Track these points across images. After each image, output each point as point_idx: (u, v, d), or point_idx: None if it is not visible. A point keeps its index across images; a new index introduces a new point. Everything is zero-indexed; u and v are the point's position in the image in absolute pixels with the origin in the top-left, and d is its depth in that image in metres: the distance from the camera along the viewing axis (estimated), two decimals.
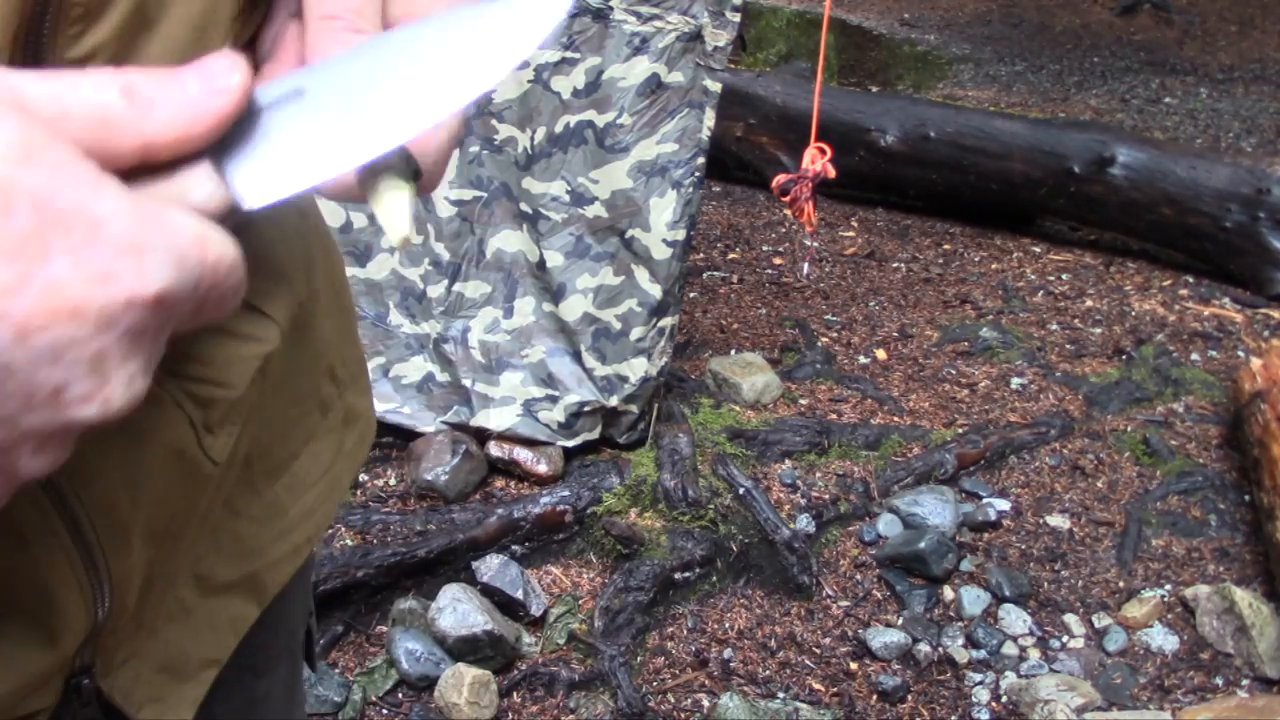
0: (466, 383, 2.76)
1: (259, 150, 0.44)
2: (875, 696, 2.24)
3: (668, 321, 2.78)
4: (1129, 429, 3.15)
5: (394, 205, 0.47)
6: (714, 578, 2.51)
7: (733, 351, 3.48)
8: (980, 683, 2.29)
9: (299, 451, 0.77)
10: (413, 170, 0.49)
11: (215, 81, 0.43)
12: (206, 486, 0.64)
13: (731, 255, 4.44)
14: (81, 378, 0.37)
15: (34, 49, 0.47)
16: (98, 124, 0.40)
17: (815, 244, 4.43)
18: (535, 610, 2.33)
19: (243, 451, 0.68)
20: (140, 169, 0.42)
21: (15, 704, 0.58)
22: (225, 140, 0.43)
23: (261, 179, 0.43)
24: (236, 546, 0.72)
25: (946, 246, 4.64)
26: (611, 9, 2.68)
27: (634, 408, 2.77)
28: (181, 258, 0.39)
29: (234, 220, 0.43)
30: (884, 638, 2.37)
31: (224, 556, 0.71)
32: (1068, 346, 3.68)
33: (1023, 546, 2.68)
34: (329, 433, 0.80)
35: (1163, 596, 2.52)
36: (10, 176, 0.36)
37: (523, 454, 2.70)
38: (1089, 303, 4.05)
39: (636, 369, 2.74)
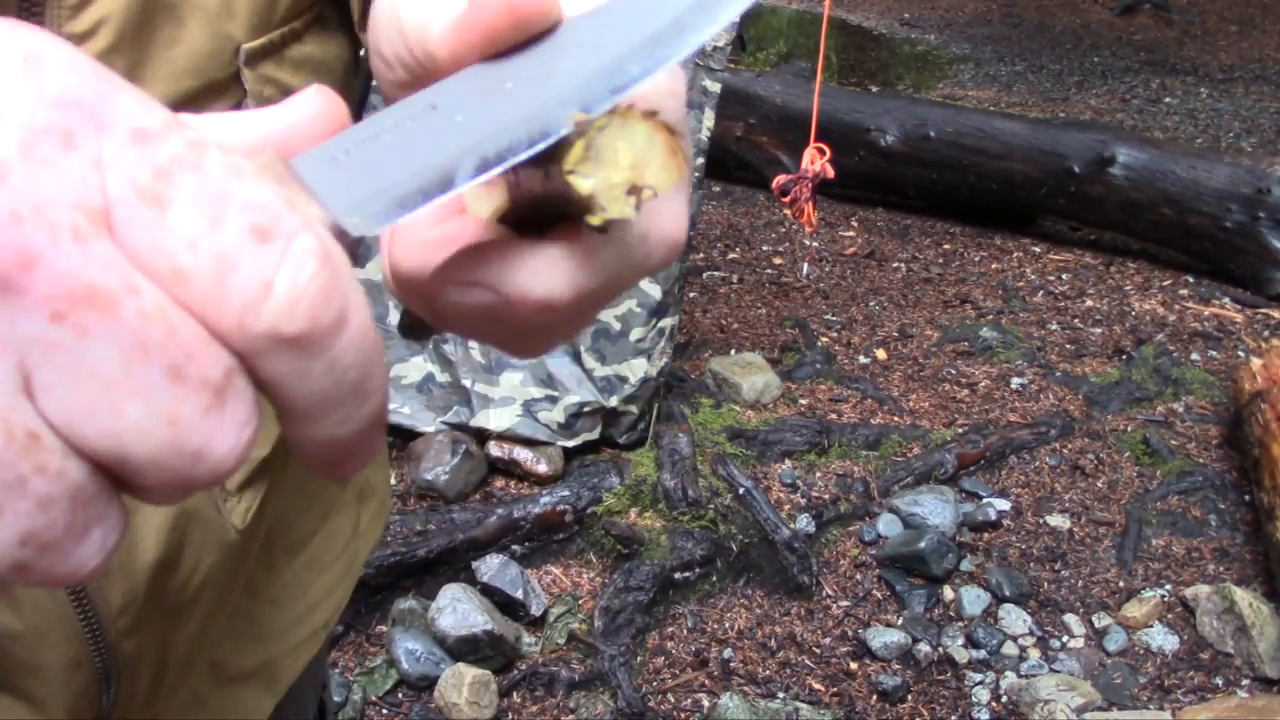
0: (466, 383, 2.76)
1: (377, 173, 0.33)
2: (875, 696, 2.24)
3: (667, 322, 2.78)
4: (1129, 429, 3.15)
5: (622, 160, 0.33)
6: (714, 578, 2.51)
7: (733, 351, 3.48)
8: (980, 682, 2.29)
9: (318, 527, 0.74)
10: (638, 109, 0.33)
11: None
12: (227, 556, 0.60)
13: (731, 255, 4.44)
14: None
15: (28, 18, 0.45)
16: None
17: (815, 244, 4.43)
18: (535, 610, 2.33)
19: (265, 525, 0.65)
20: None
21: None
22: (332, 166, 0.33)
23: (373, 203, 0.32)
24: (253, 631, 0.68)
25: (946, 246, 4.63)
26: None
27: (634, 408, 2.76)
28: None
29: (345, 245, 0.32)
30: (884, 638, 2.37)
31: (241, 642, 0.68)
32: (1068, 346, 3.68)
33: (1023, 546, 2.68)
34: (345, 507, 0.77)
35: (1163, 596, 2.52)
36: None
37: (523, 454, 2.70)
38: (1089, 303, 4.05)
39: (636, 369, 2.74)
